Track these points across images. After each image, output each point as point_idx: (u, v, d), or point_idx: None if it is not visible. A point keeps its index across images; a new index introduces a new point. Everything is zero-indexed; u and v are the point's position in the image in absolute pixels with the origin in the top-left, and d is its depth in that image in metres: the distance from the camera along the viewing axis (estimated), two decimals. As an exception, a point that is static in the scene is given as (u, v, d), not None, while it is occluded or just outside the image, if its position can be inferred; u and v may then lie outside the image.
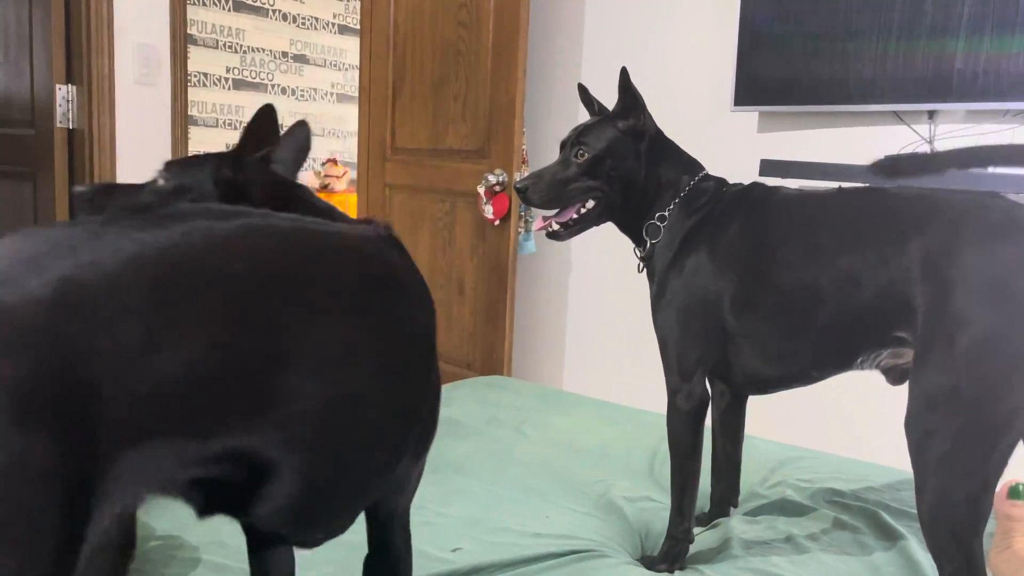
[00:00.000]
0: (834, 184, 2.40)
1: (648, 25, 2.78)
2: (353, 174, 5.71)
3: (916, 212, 1.04)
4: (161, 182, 1.00)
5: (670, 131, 2.01)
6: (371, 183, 3.40)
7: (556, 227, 1.30)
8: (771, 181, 2.46)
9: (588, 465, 1.46)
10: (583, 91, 1.40)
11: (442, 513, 1.20)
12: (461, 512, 1.21)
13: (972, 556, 0.91)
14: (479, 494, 1.29)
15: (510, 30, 2.72)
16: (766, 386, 1.21)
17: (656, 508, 1.28)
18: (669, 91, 2.73)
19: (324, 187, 7.51)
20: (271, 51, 7.41)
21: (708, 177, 1.30)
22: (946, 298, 0.96)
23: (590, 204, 1.28)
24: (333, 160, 7.68)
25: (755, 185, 1.26)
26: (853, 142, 2.38)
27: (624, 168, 1.26)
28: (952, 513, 0.92)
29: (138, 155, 2.57)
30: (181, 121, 2.66)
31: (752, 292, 1.14)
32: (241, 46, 7.19)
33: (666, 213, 1.24)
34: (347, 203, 6.91)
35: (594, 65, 2.93)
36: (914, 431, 0.96)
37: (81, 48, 2.44)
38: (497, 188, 2.77)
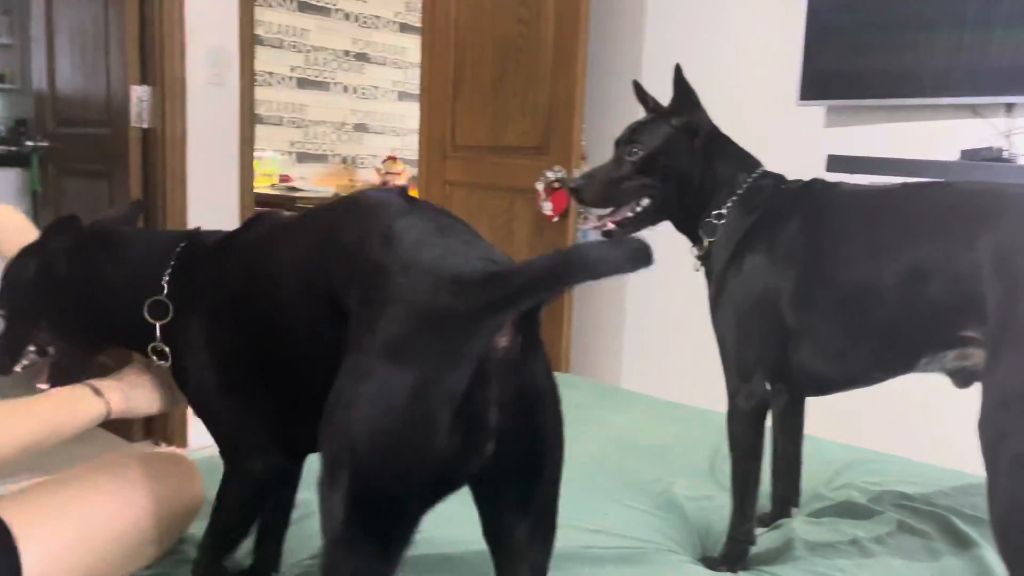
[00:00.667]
0: (905, 180, 2.34)
1: (710, 18, 2.74)
2: (412, 171, 5.77)
3: (984, 206, 1.01)
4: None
5: (733, 127, 1.99)
6: (431, 180, 3.44)
7: (611, 226, 1.28)
8: (839, 177, 2.42)
9: (647, 463, 1.45)
10: (638, 88, 1.39)
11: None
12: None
13: None
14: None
15: (570, 26, 2.72)
16: (826, 387, 1.19)
17: (716, 507, 1.27)
18: (732, 86, 2.69)
19: (384, 184, 7.62)
20: (334, 50, 7.54)
21: (767, 174, 1.27)
22: (1020, 294, 0.93)
23: (645, 202, 1.26)
24: (393, 158, 7.77)
25: (815, 181, 1.23)
26: (925, 137, 2.31)
27: (678, 166, 1.25)
28: None
29: (208, 153, 2.65)
30: (249, 120, 2.73)
31: (812, 290, 1.12)
32: (305, 45, 7.34)
33: (723, 211, 1.22)
34: (408, 199, 6.97)
35: (655, 60, 2.90)
36: (987, 432, 0.93)
37: (155, 50, 2.53)
38: (556, 185, 2.77)
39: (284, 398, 0.85)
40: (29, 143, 3.02)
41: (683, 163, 1.25)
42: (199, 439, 2.74)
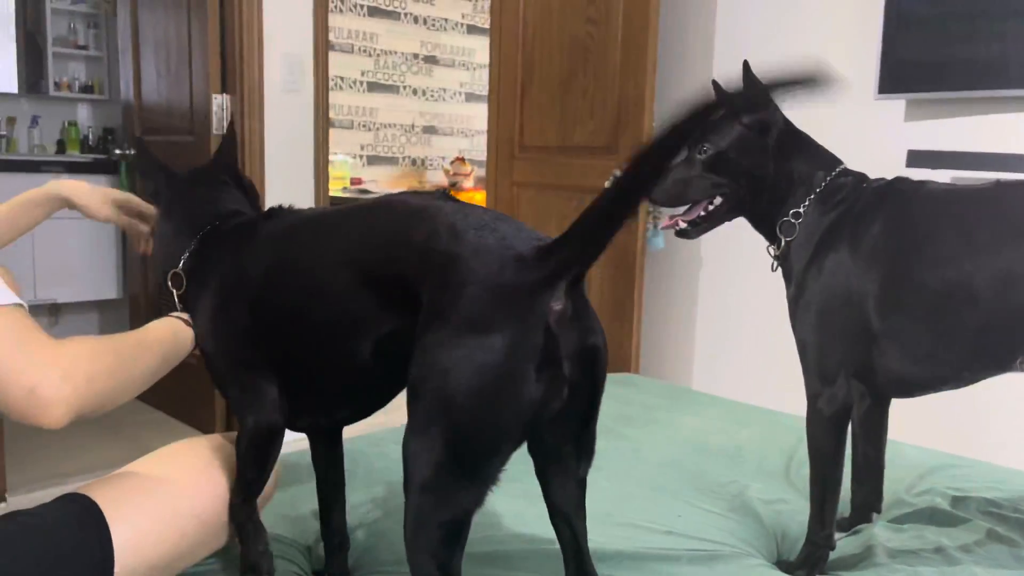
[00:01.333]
0: (990, 175, 2.25)
1: (783, 11, 2.69)
2: (480, 172, 5.82)
3: None
4: None
5: (808, 123, 1.94)
6: (499, 181, 3.46)
7: (683, 225, 1.28)
8: (920, 173, 2.34)
9: (720, 465, 1.44)
10: (717, 88, 1.36)
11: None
12: (590, 507, 1.22)
13: None
14: (608, 490, 1.29)
15: (639, 24, 2.70)
16: (913, 389, 1.16)
17: (792, 511, 1.25)
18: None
19: (453, 185, 7.69)
20: (403, 53, 7.65)
21: (847, 172, 1.24)
22: None
23: (717, 201, 1.25)
24: (461, 159, 7.84)
25: (900, 179, 1.20)
26: (1011, 130, 2.21)
27: (750, 164, 1.22)
28: None
29: (285, 157, 2.73)
30: (323, 124, 2.80)
31: (900, 291, 1.09)
32: (375, 50, 7.47)
33: (801, 210, 1.20)
34: (474, 200, 7.04)
35: (726, 55, 2.86)
36: None
37: (234, 59, 2.62)
38: (625, 184, 2.76)
39: (295, 370, 0.97)
40: (117, 151, 3.15)
41: (755, 161, 1.22)
42: (277, 435, 2.83)
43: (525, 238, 0.83)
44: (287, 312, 0.95)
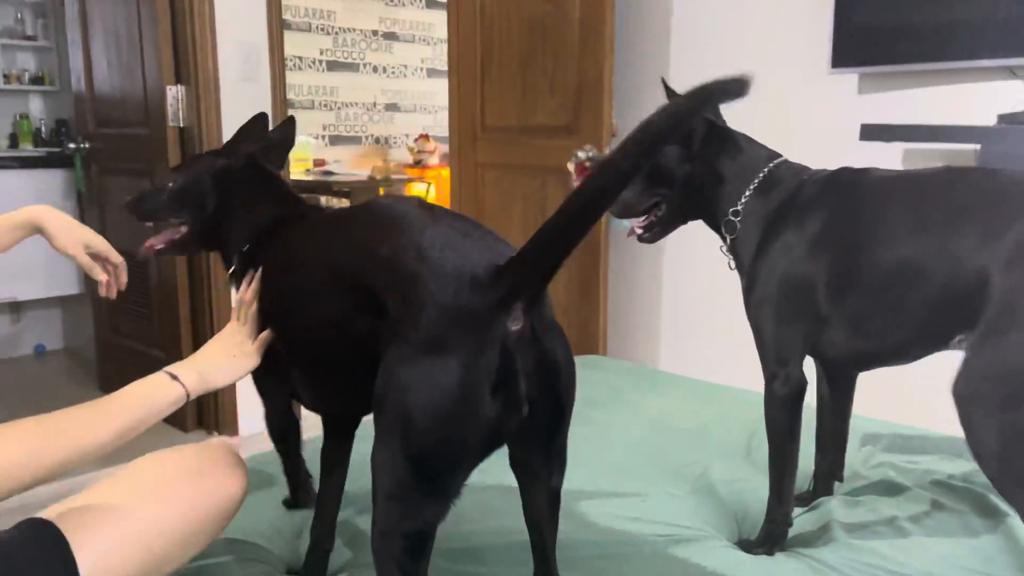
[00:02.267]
0: (941, 147, 2.30)
1: (739, -11, 2.70)
2: (444, 148, 5.78)
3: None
4: (171, 184, 1.27)
5: (764, 99, 1.98)
6: (463, 162, 3.46)
7: (639, 231, 1.38)
8: (873, 146, 2.38)
9: (684, 446, 1.48)
10: (666, 87, 1.41)
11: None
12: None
13: None
14: (575, 476, 1.32)
15: (596, 4, 2.70)
16: (863, 364, 1.23)
17: (752, 489, 1.29)
18: (762, 57, 2.66)
19: (418, 163, 7.64)
20: (361, 30, 7.54)
21: (784, 164, 1.30)
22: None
23: (663, 208, 1.33)
24: (425, 136, 7.78)
25: (843, 169, 1.25)
26: (962, 101, 2.26)
27: (677, 171, 1.29)
28: None
29: (243, 148, 2.70)
30: (281, 112, 2.77)
31: (850, 272, 1.13)
32: (333, 28, 7.35)
33: (739, 207, 1.25)
34: (440, 177, 7.01)
35: (683, 34, 2.87)
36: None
37: (187, 49, 2.57)
38: (587, 164, 2.77)
39: (297, 363, 1.07)
40: (71, 145, 3.09)
41: (681, 168, 1.29)
42: (249, 427, 2.83)
43: (488, 257, 0.85)
44: (289, 309, 1.05)
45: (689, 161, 1.29)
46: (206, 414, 2.83)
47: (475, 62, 3.29)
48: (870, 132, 2.33)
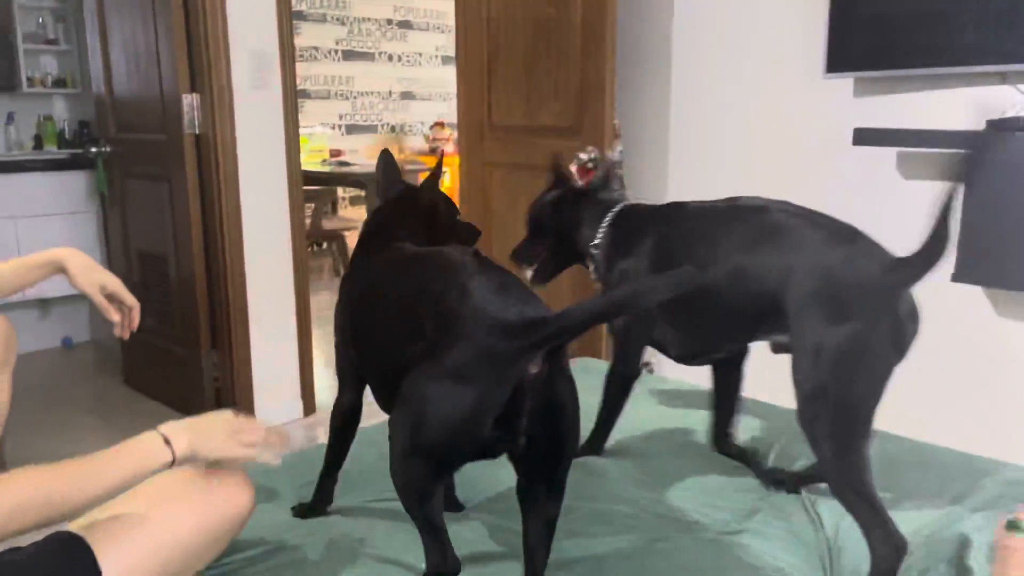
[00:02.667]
0: (933, 152, 2.34)
1: (737, -6, 2.75)
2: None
3: (793, 235, 1.32)
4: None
5: (760, 102, 2.05)
6: (471, 160, 3.54)
7: (530, 275, 1.75)
8: (867, 150, 2.44)
9: (661, 449, 1.57)
10: (557, 167, 1.79)
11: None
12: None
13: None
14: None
15: (598, 7, 2.76)
16: (694, 357, 1.53)
17: (713, 489, 1.38)
18: (759, 62, 2.71)
19: (433, 150, 7.72)
20: (376, 20, 7.60)
21: (627, 207, 1.63)
22: (803, 303, 1.25)
23: (545, 254, 1.72)
24: (440, 123, 7.85)
25: (669, 204, 1.59)
26: (956, 105, 2.31)
27: (551, 227, 1.70)
28: None
29: (256, 155, 2.80)
30: (293, 121, 2.87)
31: None
32: (348, 18, 7.42)
33: (597, 241, 1.59)
34: (455, 164, 7.08)
35: (684, 38, 2.93)
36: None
37: (201, 59, 2.67)
38: (589, 165, 2.84)
39: (366, 362, 1.30)
40: (93, 148, 3.21)
41: (553, 224, 1.69)
42: (266, 420, 2.95)
43: (522, 310, 1.03)
44: (370, 322, 1.26)
45: (560, 218, 1.67)
46: (224, 403, 2.96)
47: (482, 62, 3.36)
48: (862, 136, 2.38)
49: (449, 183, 6.77)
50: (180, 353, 3.01)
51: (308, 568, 1.18)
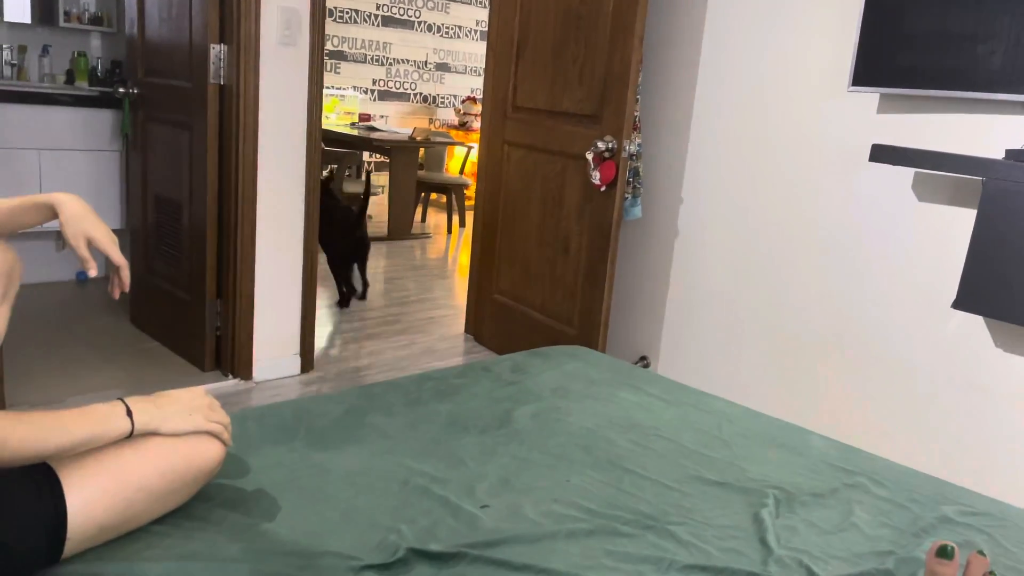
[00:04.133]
0: (948, 175, 2.33)
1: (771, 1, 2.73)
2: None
3: None
4: None
5: (782, 109, 2.00)
6: (491, 137, 3.55)
7: None
8: (884, 168, 2.43)
9: (626, 440, 1.59)
10: None
11: (480, 472, 1.38)
12: (496, 471, 1.39)
13: None
14: (517, 456, 1.46)
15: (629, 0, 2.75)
16: None
17: (654, 485, 1.39)
18: (788, 69, 2.69)
19: (463, 124, 7.73)
20: (420, -13, 7.59)
21: None
22: None
23: None
24: (472, 98, 7.85)
25: None
26: (977, 131, 2.29)
27: None
28: None
29: (278, 109, 2.83)
30: (317, 79, 2.89)
31: None
32: (391, -18, 7.40)
33: None
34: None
35: (714, 38, 2.91)
36: None
37: (231, 11, 2.69)
38: (606, 155, 2.85)
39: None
40: (121, 90, 3.25)
41: None
42: (263, 373, 3.01)
43: None
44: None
45: None
46: (223, 357, 3.01)
47: (511, 44, 3.36)
48: (879, 153, 2.36)
49: (473, 159, 6.78)
50: (185, 298, 3.06)
51: (256, 509, 1.21)
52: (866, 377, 2.56)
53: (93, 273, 1.28)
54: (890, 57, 2.38)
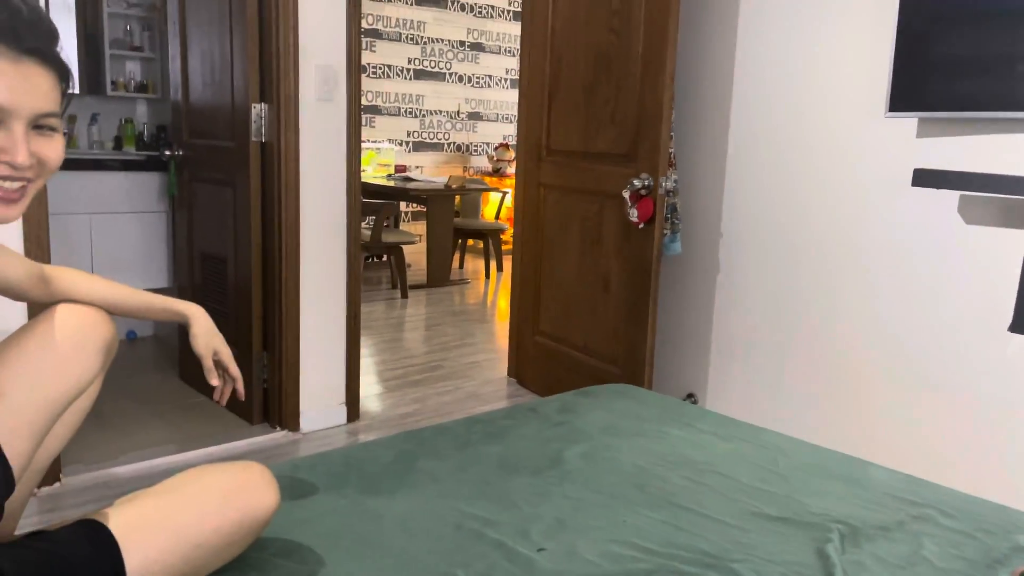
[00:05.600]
0: (993, 196, 2.28)
1: (801, 28, 2.73)
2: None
3: None
4: None
5: (819, 138, 1.96)
6: (527, 182, 3.58)
7: None
8: (928, 192, 2.39)
9: (680, 477, 1.55)
10: None
11: (534, 513, 1.37)
12: (550, 513, 1.36)
13: None
14: (570, 497, 1.44)
15: (659, 38, 2.78)
16: None
17: (709, 523, 1.36)
18: (821, 97, 2.69)
19: (496, 171, 7.81)
20: (449, 41, 7.77)
21: None
22: None
23: None
24: (505, 144, 7.94)
25: None
26: (1022, 151, 2.25)
27: None
28: None
29: (318, 163, 2.89)
30: (355, 132, 2.95)
31: None
32: (422, 38, 7.59)
33: None
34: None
35: (745, 71, 2.92)
36: None
37: (271, 71, 2.78)
38: (642, 192, 2.85)
39: None
40: (167, 152, 3.36)
41: None
42: (310, 424, 3.02)
43: None
44: None
45: None
46: (271, 409, 3.04)
47: (543, 88, 3.41)
48: (922, 178, 2.33)
49: (509, 203, 6.84)
50: (233, 353, 3.10)
51: (307, 554, 1.21)
52: (922, 405, 2.49)
53: (216, 383, 1.41)
54: (926, 81, 2.36)
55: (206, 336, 1.39)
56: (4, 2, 0.90)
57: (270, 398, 3.03)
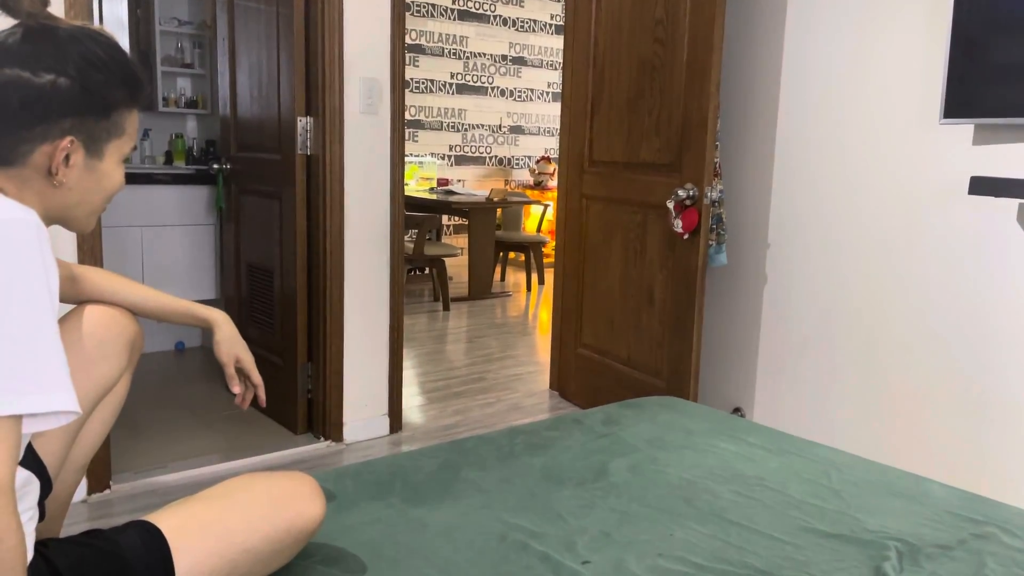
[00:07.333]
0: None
1: (850, 35, 2.68)
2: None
3: None
4: None
5: (870, 146, 1.90)
6: (570, 193, 3.57)
7: None
8: (985, 201, 2.32)
9: (729, 491, 1.52)
10: None
11: (579, 526, 1.34)
12: (596, 525, 1.34)
13: None
14: (616, 509, 1.41)
15: (704, 47, 2.75)
16: None
17: (761, 534, 1.32)
18: (873, 105, 2.63)
19: (538, 184, 7.81)
20: (492, 55, 7.82)
21: None
22: None
23: None
24: (547, 158, 7.94)
25: None
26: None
27: None
28: None
29: (362, 176, 2.91)
30: (398, 144, 2.97)
31: None
32: (465, 52, 7.65)
33: None
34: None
35: (793, 78, 2.87)
36: None
37: (317, 84, 2.81)
38: (687, 203, 2.82)
39: None
40: (215, 165, 3.42)
41: None
42: (353, 435, 3.03)
43: None
44: None
45: None
46: (315, 419, 3.05)
47: (586, 99, 3.40)
48: (980, 186, 2.26)
49: (551, 216, 6.83)
50: (277, 363, 3.14)
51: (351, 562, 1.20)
52: (981, 420, 2.40)
53: (238, 390, 1.42)
54: (982, 88, 2.29)
55: (228, 343, 1.41)
56: (144, 73, 1.08)
57: (314, 408, 3.05)
